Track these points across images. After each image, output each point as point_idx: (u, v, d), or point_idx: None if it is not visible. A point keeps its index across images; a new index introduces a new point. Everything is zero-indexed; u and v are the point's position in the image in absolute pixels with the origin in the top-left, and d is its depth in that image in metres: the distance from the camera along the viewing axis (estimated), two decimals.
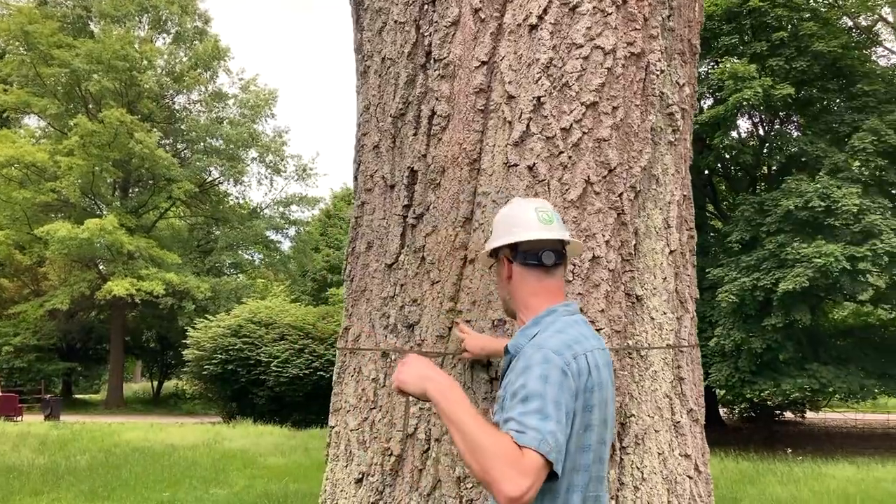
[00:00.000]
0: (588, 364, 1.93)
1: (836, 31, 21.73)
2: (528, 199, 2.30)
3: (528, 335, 2.03)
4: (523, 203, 2.25)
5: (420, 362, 1.97)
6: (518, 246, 2.12)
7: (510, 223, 2.18)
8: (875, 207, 18.38)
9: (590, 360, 1.94)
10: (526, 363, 1.87)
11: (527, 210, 2.18)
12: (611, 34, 2.90)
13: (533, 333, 2.02)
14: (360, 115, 3.39)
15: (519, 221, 2.15)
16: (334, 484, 3.22)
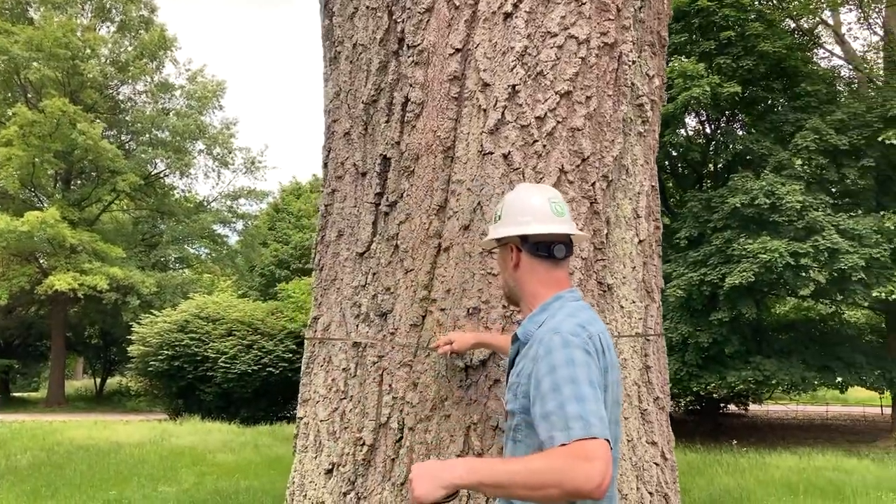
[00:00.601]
0: (602, 344, 1.92)
1: (781, 32, 22.23)
2: (541, 187, 2.23)
3: (536, 322, 2.00)
4: (535, 191, 2.18)
5: (424, 468, 1.76)
6: (529, 237, 2.08)
7: (520, 211, 2.11)
8: (818, 204, 18.87)
9: (603, 341, 1.93)
10: (546, 349, 1.83)
11: (541, 200, 2.12)
12: (585, 24, 2.91)
13: (542, 320, 1.99)
14: (330, 101, 3.34)
15: (531, 211, 2.10)
16: (303, 475, 3.18)
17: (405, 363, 2.87)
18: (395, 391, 2.87)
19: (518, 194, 2.19)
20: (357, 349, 3.08)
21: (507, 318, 2.76)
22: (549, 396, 1.74)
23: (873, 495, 12.41)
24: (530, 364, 1.87)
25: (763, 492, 11.99)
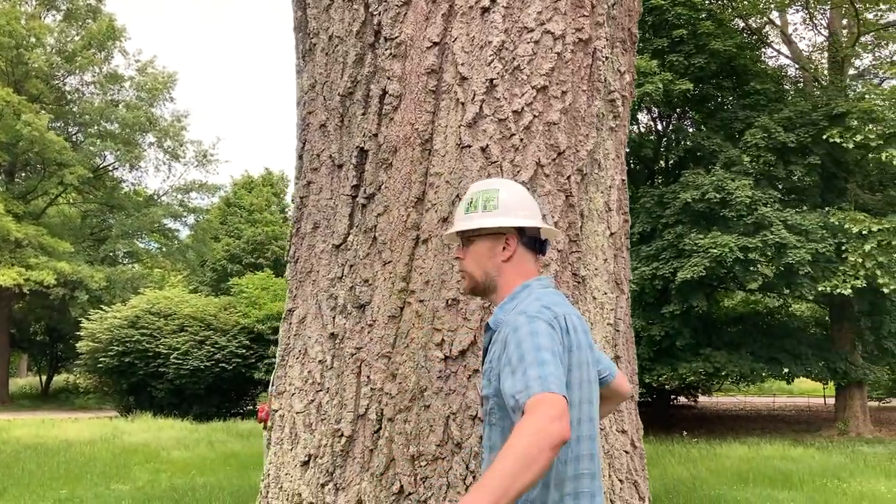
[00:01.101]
0: (567, 325, 1.98)
1: (731, 31, 22.69)
2: (520, 184, 2.33)
3: (506, 309, 2.06)
4: (522, 187, 2.26)
5: None
6: (526, 230, 2.15)
7: (519, 205, 2.16)
8: (766, 199, 19.33)
9: (567, 322, 1.99)
10: (513, 328, 1.90)
11: (530, 197, 2.21)
12: (560, 19, 2.96)
13: (511, 308, 2.06)
14: (306, 93, 3.33)
15: (528, 205, 2.17)
16: (278, 467, 3.18)
17: (383, 354, 2.89)
18: (373, 382, 2.89)
19: (510, 186, 2.24)
20: (334, 341, 3.09)
21: (485, 310, 2.80)
22: (515, 368, 1.82)
23: (819, 482, 12.80)
24: (500, 347, 1.94)
25: (715, 481, 12.29)
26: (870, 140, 18.79)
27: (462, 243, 2.15)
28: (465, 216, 2.13)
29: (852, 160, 21.46)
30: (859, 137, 18.70)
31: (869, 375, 22.77)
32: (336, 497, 2.88)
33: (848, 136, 19.04)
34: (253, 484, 12.16)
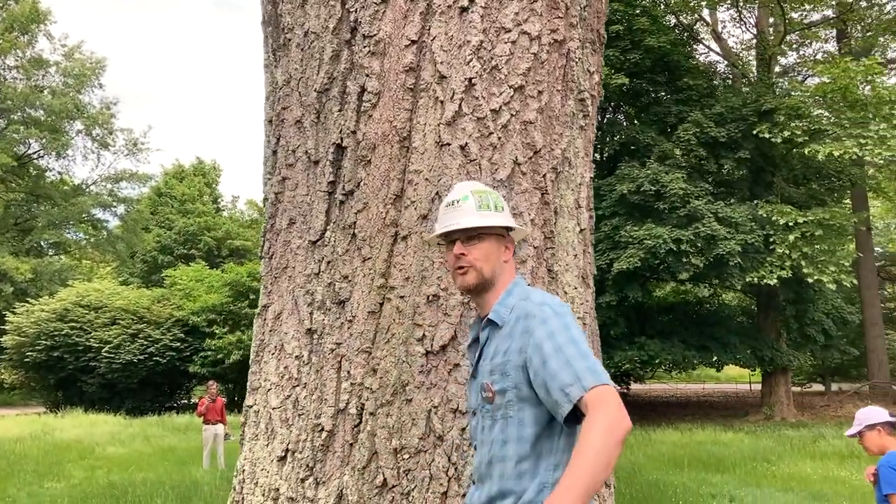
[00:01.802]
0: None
1: (664, 28, 23.22)
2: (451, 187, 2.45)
3: (508, 305, 2.13)
4: None
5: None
6: (511, 231, 2.28)
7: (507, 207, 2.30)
8: (698, 193, 19.89)
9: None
10: (540, 319, 1.98)
11: None
12: (536, 20, 3.03)
13: (512, 303, 2.13)
14: (280, 88, 3.32)
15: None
16: (254, 463, 3.18)
17: (363, 350, 2.92)
18: (353, 377, 2.91)
19: (495, 191, 2.31)
20: (311, 336, 3.10)
21: (465, 305, 2.85)
22: (552, 358, 1.91)
23: (750, 465, 13.32)
24: (519, 340, 2.02)
25: (652, 466, 12.68)
26: (796, 135, 19.49)
27: (462, 240, 2.17)
28: (479, 213, 2.17)
29: (779, 155, 22.25)
30: (787, 133, 19.37)
31: (793, 362, 23.72)
32: (317, 491, 2.90)
33: (776, 132, 19.73)
34: (194, 478, 12.00)
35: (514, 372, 2.02)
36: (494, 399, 2.06)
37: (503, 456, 2.03)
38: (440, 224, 2.21)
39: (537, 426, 2.01)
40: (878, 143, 18.69)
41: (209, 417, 13.78)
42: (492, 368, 2.09)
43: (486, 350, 2.14)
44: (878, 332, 28.71)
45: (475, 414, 2.16)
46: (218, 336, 25.76)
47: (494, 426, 2.06)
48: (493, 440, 2.06)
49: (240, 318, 26.96)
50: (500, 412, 2.05)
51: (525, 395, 2.02)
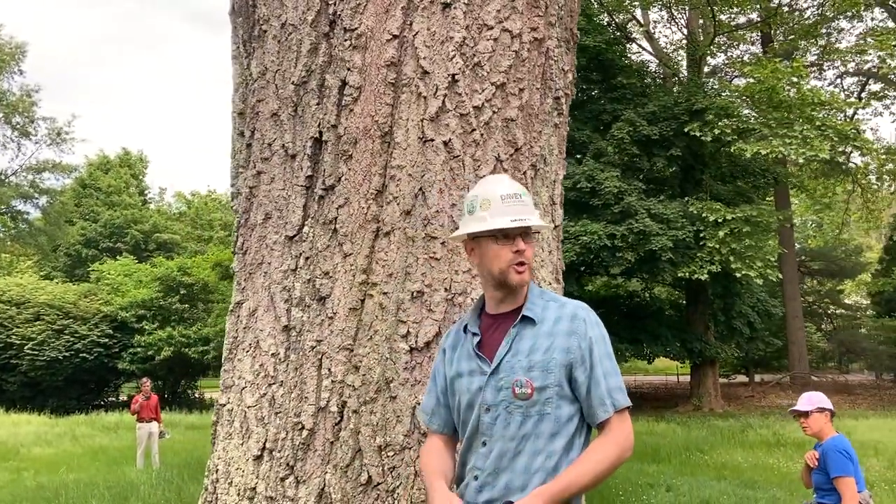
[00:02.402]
0: None
1: (600, 27, 23.61)
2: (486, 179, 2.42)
3: (539, 304, 2.20)
4: None
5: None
6: None
7: None
8: (632, 190, 20.33)
9: None
10: (590, 323, 2.15)
11: None
12: (518, 18, 3.04)
13: (542, 302, 2.21)
14: (255, 80, 3.25)
15: None
16: (228, 462, 3.12)
17: (345, 347, 2.89)
18: (334, 375, 2.89)
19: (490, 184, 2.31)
20: (288, 333, 3.06)
21: (448, 302, 2.86)
22: (598, 366, 2.11)
23: (684, 455, 13.70)
24: (564, 340, 2.11)
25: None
26: (725, 134, 20.08)
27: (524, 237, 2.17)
28: (535, 211, 2.21)
29: (708, 153, 22.90)
30: (716, 132, 19.95)
31: (720, 354, 24.48)
32: (297, 490, 2.87)
33: (706, 131, 20.28)
34: (129, 479, 11.68)
35: (557, 370, 2.09)
36: (533, 395, 2.09)
37: (534, 451, 2.07)
38: (504, 216, 2.13)
39: (571, 424, 2.11)
40: (802, 143, 19.41)
41: (143, 415, 13.44)
42: (530, 365, 2.11)
43: (516, 346, 2.14)
44: (798, 325, 29.87)
45: (488, 410, 2.13)
46: (148, 332, 25.11)
47: (526, 422, 2.09)
48: (522, 435, 2.09)
49: (170, 314, 26.35)
50: (535, 408, 2.09)
51: (565, 393, 2.11)
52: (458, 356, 2.24)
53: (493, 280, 2.20)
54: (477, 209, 2.18)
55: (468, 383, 2.19)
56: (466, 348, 2.23)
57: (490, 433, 2.13)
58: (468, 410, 2.18)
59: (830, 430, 4.69)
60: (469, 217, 2.21)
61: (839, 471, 4.44)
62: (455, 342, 2.29)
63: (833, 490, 4.47)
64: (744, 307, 25.32)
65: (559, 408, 2.09)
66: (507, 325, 2.19)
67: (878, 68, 27.29)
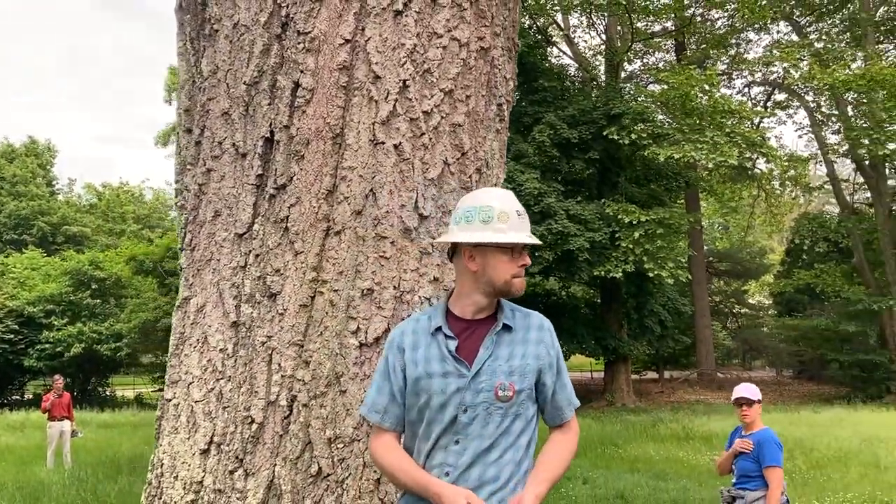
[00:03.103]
0: None
1: (521, 30, 24.04)
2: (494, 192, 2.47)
3: (512, 309, 2.39)
4: None
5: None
6: None
7: None
8: (551, 191, 20.80)
9: None
10: (552, 334, 2.41)
11: None
12: (466, 28, 3.17)
13: (512, 307, 2.41)
14: (206, 79, 3.28)
15: None
16: (173, 457, 3.14)
17: (294, 342, 2.97)
18: (283, 370, 2.95)
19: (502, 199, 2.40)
20: (236, 329, 3.11)
21: (397, 299, 2.97)
22: (563, 373, 2.40)
23: (599, 449, 14.16)
24: (534, 347, 2.33)
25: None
26: (641, 139, 20.76)
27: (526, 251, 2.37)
28: (525, 231, 2.34)
29: (624, 156, 23.60)
30: (633, 136, 20.60)
31: (633, 351, 25.28)
32: (246, 482, 2.92)
33: (623, 135, 20.91)
34: (39, 479, 11.31)
35: (530, 375, 2.30)
36: (513, 397, 2.26)
37: (506, 446, 2.25)
38: (521, 231, 2.28)
39: (532, 422, 2.34)
40: (713, 148, 20.25)
41: (55, 413, 13.03)
42: (511, 370, 2.27)
43: (497, 352, 2.28)
44: (706, 324, 31.11)
45: (466, 411, 2.23)
46: (57, 328, 24.21)
47: (504, 421, 2.25)
48: (499, 434, 2.24)
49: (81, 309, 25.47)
50: (512, 409, 2.26)
51: (533, 395, 2.34)
52: (426, 357, 2.30)
53: (491, 288, 2.30)
54: (494, 220, 2.26)
55: (442, 385, 2.25)
56: (438, 350, 2.30)
57: (466, 432, 2.23)
58: (440, 411, 2.25)
59: (761, 422, 5.00)
60: (484, 226, 2.27)
61: (774, 460, 4.74)
62: (415, 343, 2.34)
63: (759, 478, 4.75)
64: (655, 306, 26.21)
65: (528, 408, 2.31)
66: (482, 330, 2.31)
67: (782, 79, 28.68)
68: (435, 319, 2.35)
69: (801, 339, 30.17)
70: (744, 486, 4.81)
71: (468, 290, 2.34)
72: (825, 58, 25.87)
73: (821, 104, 28.82)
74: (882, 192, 26.10)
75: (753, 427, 4.92)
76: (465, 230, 2.30)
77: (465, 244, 2.29)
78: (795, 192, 33.83)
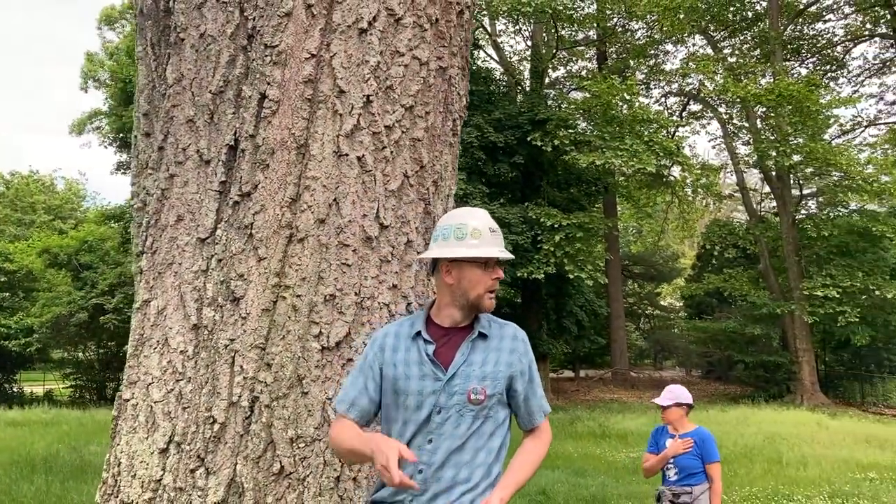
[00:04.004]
0: None
1: None
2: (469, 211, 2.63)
3: (488, 319, 2.59)
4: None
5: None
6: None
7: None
8: (476, 193, 21.11)
9: None
10: (526, 344, 2.59)
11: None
12: (426, 48, 3.34)
13: (489, 318, 2.59)
14: (171, 86, 3.34)
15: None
16: (131, 456, 3.20)
17: (256, 346, 3.07)
18: (245, 372, 3.06)
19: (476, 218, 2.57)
20: (196, 332, 3.19)
21: (358, 305, 3.11)
22: (535, 380, 2.58)
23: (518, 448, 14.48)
24: (508, 355, 2.50)
25: None
26: (564, 145, 21.30)
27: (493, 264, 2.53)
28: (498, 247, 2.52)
29: (547, 161, 24.13)
30: (556, 142, 21.12)
31: (552, 350, 25.87)
32: (207, 480, 3.01)
33: (547, 140, 21.41)
34: None
35: (502, 381, 2.47)
36: (485, 401, 2.42)
37: (476, 447, 2.43)
38: (493, 246, 2.47)
39: (504, 426, 2.51)
40: (632, 155, 20.96)
41: None
42: (483, 375, 2.44)
43: (472, 357, 2.46)
44: (620, 325, 32.06)
45: (440, 412, 2.41)
46: None
47: (475, 423, 2.43)
48: (469, 434, 2.42)
49: None
50: (483, 412, 2.44)
51: (503, 400, 2.51)
52: (405, 360, 2.48)
53: (465, 301, 2.50)
54: (468, 237, 2.46)
55: (419, 386, 2.44)
56: (417, 354, 2.48)
57: (439, 432, 2.41)
58: (416, 411, 2.43)
59: (687, 422, 5.28)
60: (458, 242, 2.46)
61: (717, 456, 5.06)
62: (396, 346, 2.52)
63: (701, 473, 5.04)
64: (574, 307, 26.90)
65: (498, 412, 2.49)
66: (458, 338, 2.50)
67: (698, 90, 29.82)
68: (416, 325, 2.54)
69: (710, 341, 31.42)
70: (688, 483, 5.06)
71: (446, 302, 2.54)
72: (738, 72, 27.07)
73: (733, 116, 30.09)
74: (787, 202, 27.45)
75: (684, 426, 5.20)
76: (442, 247, 2.48)
77: (443, 260, 2.47)
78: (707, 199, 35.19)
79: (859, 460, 12.82)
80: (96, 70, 36.36)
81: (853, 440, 15.35)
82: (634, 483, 10.71)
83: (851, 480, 10.86)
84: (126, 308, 22.37)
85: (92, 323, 24.04)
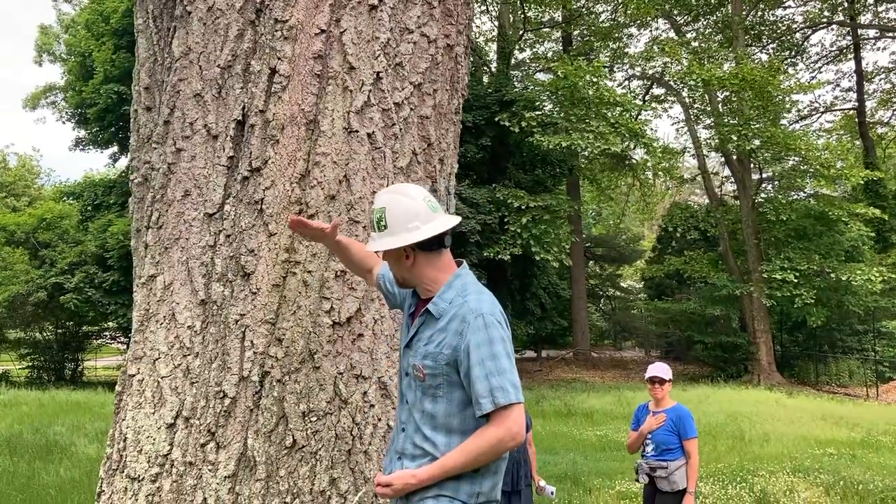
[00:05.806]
0: (505, 320, 2.40)
1: None
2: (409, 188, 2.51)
3: (446, 299, 2.39)
4: (411, 194, 2.43)
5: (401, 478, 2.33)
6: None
7: (406, 218, 2.37)
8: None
9: (504, 318, 2.41)
10: (473, 328, 2.27)
11: (420, 202, 2.40)
12: (434, 25, 3.35)
13: (451, 297, 2.39)
14: (177, 60, 3.30)
15: (417, 215, 2.37)
16: (137, 431, 3.19)
17: (267, 321, 3.08)
18: (255, 347, 3.06)
19: (396, 200, 2.41)
20: (204, 307, 3.18)
21: None
22: (475, 368, 2.26)
23: None
24: (452, 339, 2.31)
25: None
26: (531, 126, 21.38)
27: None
28: (375, 235, 2.43)
29: (514, 143, 24.20)
30: (523, 123, 21.18)
31: (517, 331, 26.05)
32: (217, 455, 3.02)
33: (514, 122, 21.46)
34: None
35: (444, 363, 2.32)
36: (426, 380, 2.36)
37: (432, 425, 2.35)
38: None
39: (464, 406, 2.34)
40: (597, 137, 21.13)
41: None
42: (425, 354, 2.37)
43: (421, 333, 2.41)
44: (582, 306, 32.39)
45: (407, 375, 2.46)
46: None
47: (423, 398, 2.38)
48: (421, 409, 2.38)
49: None
50: (430, 391, 2.37)
51: (455, 381, 2.33)
52: (405, 321, 2.60)
53: None
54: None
55: (400, 343, 2.58)
56: (405, 317, 2.60)
57: (405, 393, 2.49)
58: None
59: (669, 399, 5.43)
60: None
61: (694, 433, 5.19)
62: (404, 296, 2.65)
63: (678, 449, 5.18)
64: (538, 289, 27.11)
65: (451, 393, 2.33)
66: (420, 309, 2.49)
67: (661, 74, 30.11)
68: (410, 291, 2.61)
69: (670, 322, 31.92)
70: (664, 458, 5.20)
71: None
72: (701, 56, 27.37)
73: (695, 100, 30.45)
74: (747, 185, 27.93)
75: (664, 403, 5.35)
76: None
77: None
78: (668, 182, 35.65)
79: (817, 437, 13.22)
80: (51, 43, 35.41)
81: (810, 417, 15.80)
82: (604, 460, 10.91)
83: (812, 456, 11.20)
84: (87, 287, 21.98)
85: (51, 302, 23.57)
